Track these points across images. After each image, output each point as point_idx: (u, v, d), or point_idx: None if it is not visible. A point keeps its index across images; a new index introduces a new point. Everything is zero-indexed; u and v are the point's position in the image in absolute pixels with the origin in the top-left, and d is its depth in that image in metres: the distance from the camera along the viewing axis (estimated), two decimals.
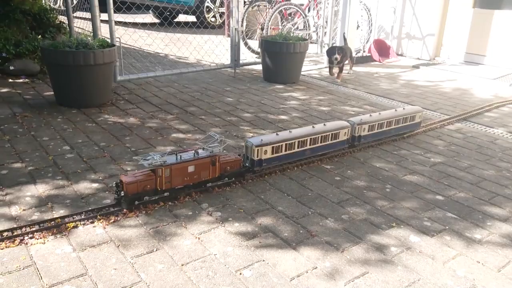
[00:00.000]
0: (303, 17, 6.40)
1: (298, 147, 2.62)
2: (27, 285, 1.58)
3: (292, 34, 5.43)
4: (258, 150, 2.44)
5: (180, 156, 2.20)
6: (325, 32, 6.04)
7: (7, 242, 1.80)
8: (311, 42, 6.47)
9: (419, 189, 2.51)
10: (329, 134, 2.75)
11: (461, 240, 2.01)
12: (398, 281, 1.71)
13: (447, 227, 2.12)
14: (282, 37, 4.81)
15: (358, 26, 6.48)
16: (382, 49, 6.62)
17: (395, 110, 3.21)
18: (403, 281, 1.72)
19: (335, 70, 5.19)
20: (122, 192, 2.07)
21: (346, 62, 5.36)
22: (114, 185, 2.12)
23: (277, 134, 2.56)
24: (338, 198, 2.35)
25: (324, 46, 6.12)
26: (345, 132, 2.84)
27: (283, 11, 6.43)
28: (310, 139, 2.66)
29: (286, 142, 2.55)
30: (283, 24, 6.39)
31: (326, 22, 6.00)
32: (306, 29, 6.45)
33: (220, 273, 1.70)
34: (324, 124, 2.78)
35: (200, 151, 2.28)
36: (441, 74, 5.88)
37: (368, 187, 2.50)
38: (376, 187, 2.51)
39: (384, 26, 6.97)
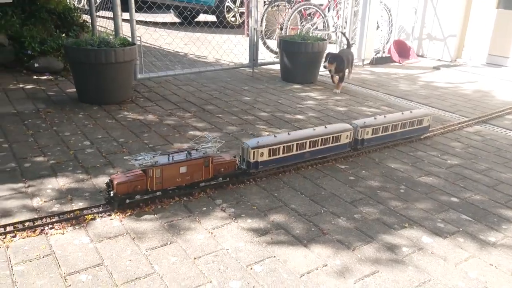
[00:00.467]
0: (323, 17, 6.39)
1: (296, 150, 2.58)
2: (46, 273, 1.65)
3: (311, 34, 5.44)
4: (254, 152, 2.41)
5: (172, 156, 2.18)
6: (344, 33, 6.01)
7: (28, 232, 1.88)
8: (330, 42, 6.46)
9: (434, 190, 2.50)
10: (330, 137, 2.70)
11: (475, 243, 2.00)
12: (408, 281, 1.72)
13: (460, 229, 2.10)
14: (300, 37, 4.82)
15: (378, 27, 6.43)
16: (402, 50, 6.55)
17: (402, 113, 3.13)
18: (414, 281, 1.72)
19: (336, 78, 4.68)
20: (112, 192, 2.05)
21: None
22: (105, 185, 2.11)
23: (275, 136, 2.54)
24: (351, 197, 2.36)
25: (342, 46, 6.09)
26: (347, 135, 2.79)
27: (303, 11, 6.43)
28: (310, 141, 2.62)
29: (284, 145, 2.51)
30: (302, 24, 6.40)
31: (346, 22, 5.98)
32: (325, 29, 6.44)
33: (231, 267, 1.74)
34: (326, 127, 2.75)
35: (193, 152, 2.25)
36: (462, 75, 5.79)
37: (382, 187, 2.50)
38: (390, 187, 2.50)
39: (405, 27, 6.90)
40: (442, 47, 6.68)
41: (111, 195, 2.05)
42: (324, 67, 4.58)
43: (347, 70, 4.80)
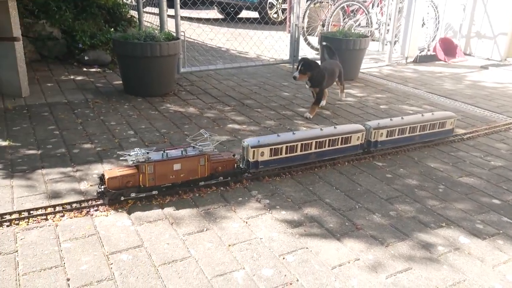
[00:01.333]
0: (366, 14, 6.30)
1: (301, 150, 2.50)
2: (91, 251, 1.76)
3: (353, 31, 5.38)
4: (254, 151, 2.35)
5: (167, 153, 2.15)
6: (388, 30, 5.90)
7: (75, 213, 2.00)
8: (373, 40, 6.36)
9: (475, 191, 2.43)
10: (338, 138, 2.61)
11: None
12: (442, 279, 1.70)
13: (501, 232, 2.05)
14: (342, 34, 4.79)
15: (423, 24, 6.26)
16: (448, 48, 6.35)
17: (422, 115, 2.97)
18: (447, 280, 1.70)
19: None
20: (103, 186, 2.05)
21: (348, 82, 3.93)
22: (98, 178, 2.12)
23: (278, 135, 2.47)
24: (387, 194, 2.34)
25: (386, 44, 5.98)
26: (358, 137, 2.68)
27: (346, 7, 6.36)
28: (316, 142, 2.54)
29: (286, 145, 2.44)
30: (344, 21, 6.33)
31: (390, 19, 5.86)
32: (369, 26, 6.34)
33: (264, 256, 1.78)
34: (335, 127, 2.67)
35: (189, 149, 2.21)
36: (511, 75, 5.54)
37: (419, 186, 2.46)
38: (428, 186, 2.46)
39: (452, 24, 6.68)
40: (491, 46, 6.42)
41: (102, 189, 2.06)
42: (294, 78, 3.40)
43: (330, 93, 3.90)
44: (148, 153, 2.10)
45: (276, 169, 2.48)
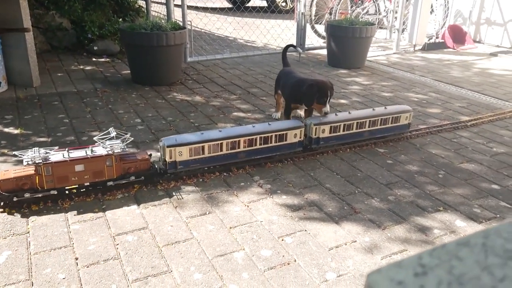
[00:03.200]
0: (374, 2, 6.27)
1: (227, 149, 2.36)
2: (98, 232, 1.84)
3: (360, 19, 5.37)
4: (171, 151, 2.22)
5: (68, 153, 2.02)
6: (396, 17, 5.87)
7: (84, 197, 2.09)
8: (380, 27, 6.33)
9: (474, 177, 2.46)
10: (272, 135, 2.46)
11: None
12: None
13: (498, 216, 2.08)
14: (348, 22, 4.79)
15: (432, 11, 6.21)
16: (458, 35, 6.29)
17: (373, 109, 2.82)
18: None
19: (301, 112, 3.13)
20: None
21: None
22: None
23: (202, 133, 2.35)
24: (387, 180, 2.39)
25: (394, 32, 5.96)
26: (296, 134, 2.53)
27: None
28: (245, 140, 2.39)
29: (208, 144, 2.29)
30: (352, 9, 6.31)
31: (398, 6, 5.82)
32: (377, 14, 6.30)
33: (263, 237, 1.85)
34: (269, 124, 2.53)
35: (96, 149, 2.08)
36: None
37: (420, 172, 2.50)
38: (428, 172, 2.50)
39: (462, 11, 6.61)
40: (501, 33, 6.34)
41: None
42: (326, 113, 2.69)
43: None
44: (46, 153, 1.97)
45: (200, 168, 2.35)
